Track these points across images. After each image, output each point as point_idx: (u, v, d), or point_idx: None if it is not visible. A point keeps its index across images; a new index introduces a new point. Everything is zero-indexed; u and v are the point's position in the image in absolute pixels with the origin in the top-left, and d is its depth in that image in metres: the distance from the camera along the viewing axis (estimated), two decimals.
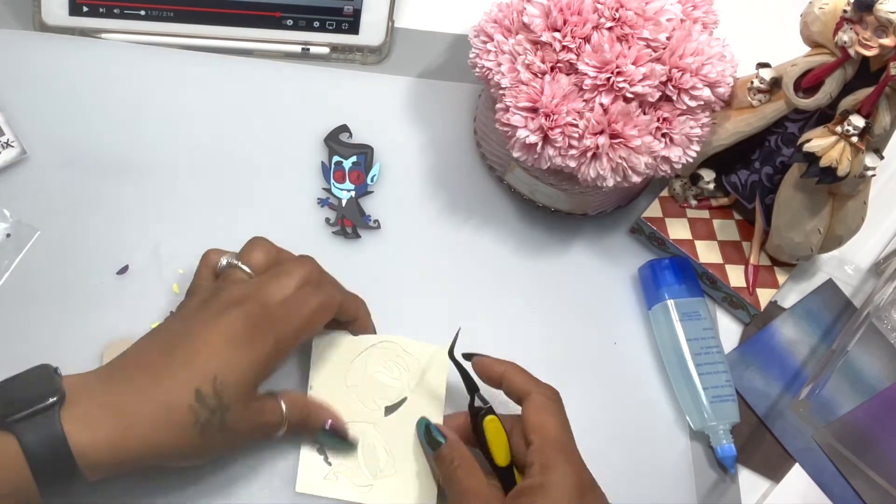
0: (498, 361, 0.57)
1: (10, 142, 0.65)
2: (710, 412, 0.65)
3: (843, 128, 0.59)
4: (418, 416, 0.59)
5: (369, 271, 0.66)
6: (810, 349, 0.72)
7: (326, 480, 0.58)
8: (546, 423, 0.54)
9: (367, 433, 0.59)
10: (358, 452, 0.58)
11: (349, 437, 0.58)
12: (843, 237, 0.69)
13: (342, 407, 0.58)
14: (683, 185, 0.72)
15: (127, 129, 0.68)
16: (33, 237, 0.63)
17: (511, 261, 0.70)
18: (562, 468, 0.52)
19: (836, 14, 0.58)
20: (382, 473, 0.58)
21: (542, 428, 0.53)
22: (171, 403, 0.49)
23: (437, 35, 0.78)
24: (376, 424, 0.59)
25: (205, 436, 0.50)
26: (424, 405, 0.59)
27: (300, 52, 0.74)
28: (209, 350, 0.50)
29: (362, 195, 0.70)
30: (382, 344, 0.60)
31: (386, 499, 0.58)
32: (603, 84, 0.60)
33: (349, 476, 0.58)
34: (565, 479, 0.51)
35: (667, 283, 0.68)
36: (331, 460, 0.58)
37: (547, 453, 0.52)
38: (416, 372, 0.60)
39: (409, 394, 0.60)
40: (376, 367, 0.60)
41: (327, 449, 0.58)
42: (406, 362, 0.60)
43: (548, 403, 0.55)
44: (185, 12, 0.71)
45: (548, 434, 0.53)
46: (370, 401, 0.59)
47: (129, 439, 0.48)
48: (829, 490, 0.66)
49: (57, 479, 0.46)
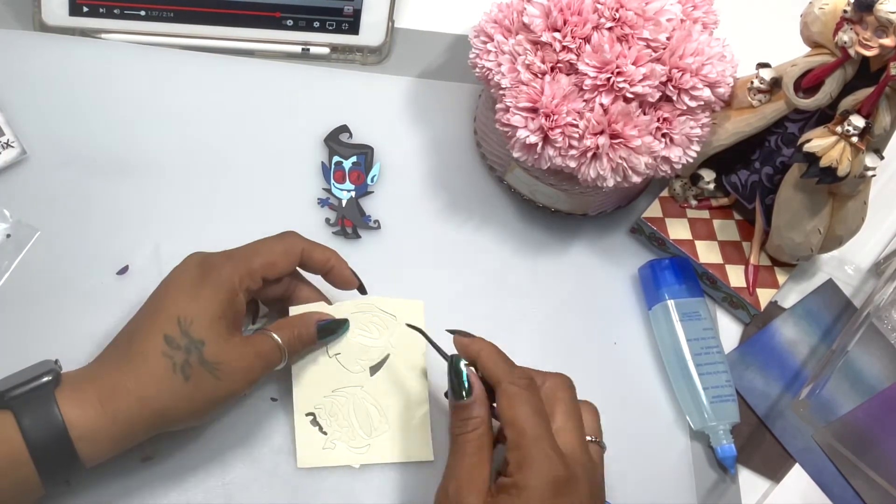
0: (475, 341, 0.55)
1: (10, 142, 0.65)
2: (710, 412, 0.65)
3: (844, 128, 0.59)
4: (402, 369, 0.61)
5: (369, 272, 0.66)
6: (810, 349, 0.72)
7: (325, 450, 0.59)
8: (518, 415, 0.51)
9: (356, 396, 0.60)
10: (351, 415, 0.60)
11: (342, 321, 0.60)
12: (843, 237, 0.69)
13: (328, 376, 0.60)
14: (683, 186, 0.72)
15: (127, 129, 0.68)
16: (33, 237, 0.63)
17: (511, 261, 0.70)
18: (537, 465, 0.50)
19: (836, 14, 0.58)
20: (377, 431, 0.60)
21: (515, 422, 0.51)
22: (147, 355, 0.51)
23: (437, 35, 0.78)
24: (363, 386, 0.60)
25: (192, 380, 0.51)
26: (407, 358, 0.61)
27: (300, 53, 0.74)
28: (170, 297, 0.53)
29: (362, 195, 0.70)
30: (359, 308, 0.61)
31: (384, 455, 0.59)
32: (603, 84, 0.60)
33: (346, 440, 0.59)
34: (540, 476, 0.50)
35: (667, 283, 0.68)
36: (326, 429, 0.59)
37: (521, 450, 0.50)
38: (394, 328, 0.61)
39: (390, 350, 0.61)
40: (355, 331, 0.61)
41: (331, 342, 0.60)
42: (383, 320, 0.61)
43: (519, 392, 0.52)
44: (185, 12, 0.71)
45: (521, 427, 0.51)
46: (354, 364, 0.61)
47: (118, 401, 0.50)
48: (829, 490, 0.66)
49: (53, 456, 0.48)
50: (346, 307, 0.61)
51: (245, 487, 0.58)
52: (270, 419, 0.60)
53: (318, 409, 0.60)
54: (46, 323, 0.60)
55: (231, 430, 0.60)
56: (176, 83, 0.71)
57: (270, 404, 0.61)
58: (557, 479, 0.50)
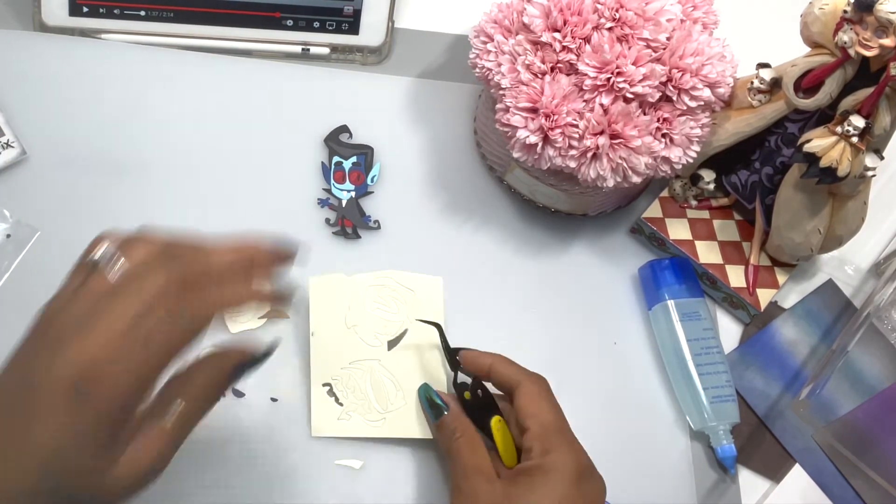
0: (484, 354, 0.58)
1: (10, 142, 0.65)
2: (710, 412, 0.65)
3: (844, 128, 0.59)
4: (420, 345, 0.61)
5: (369, 272, 0.66)
6: (810, 349, 0.72)
7: (340, 421, 0.59)
8: (541, 409, 0.54)
9: (373, 369, 0.61)
10: (367, 388, 0.60)
11: (261, 350, 0.46)
12: (843, 237, 0.69)
13: (345, 347, 0.61)
14: (683, 186, 0.72)
15: (127, 130, 0.68)
16: (33, 237, 0.63)
17: (511, 261, 0.70)
18: (562, 451, 0.53)
19: (836, 14, 0.58)
20: (392, 406, 0.60)
21: (539, 414, 0.54)
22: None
23: (437, 35, 0.78)
24: (381, 360, 0.61)
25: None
26: (425, 334, 0.61)
27: (300, 53, 0.74)
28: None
29: (362, 195, 0.70)
30: (378, 281, 0.62)
31: (398, 429, 0.60)
32: (603, 84, 0.60)
33: (361, 413, 0.60)
34: (565, 461, 0.52)
35: (667, 283, 0.68)
36: (342, 400, 0.60)
37: (547, 437, 0.53)
38: (413, 303, 0.62)
39: (409, 325, 0.62)
40: (374, 305, 0.62)
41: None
42: (402, 295, 0.62)
43: (540, 391, 0.56)
44: (184, 12, 0.71)
45: (545, 420, 0.54)
46: (372, 337, 0.61)
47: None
48: (829, 490, 0.66)
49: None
50: (364, 279, 0.62)
51: (245, 487, 0.58)
52: (271, 419, 0.60)
53: (335, 379, 0.60)
54: None
55: (231, 430, 0.60)
56: (176, 83, 0.71)
57: (270, 404, 0.61)
58: (582, 465, 0.53)
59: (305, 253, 0.66)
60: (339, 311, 0.62)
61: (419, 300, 0.63)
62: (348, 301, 0.62)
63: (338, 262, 0.66)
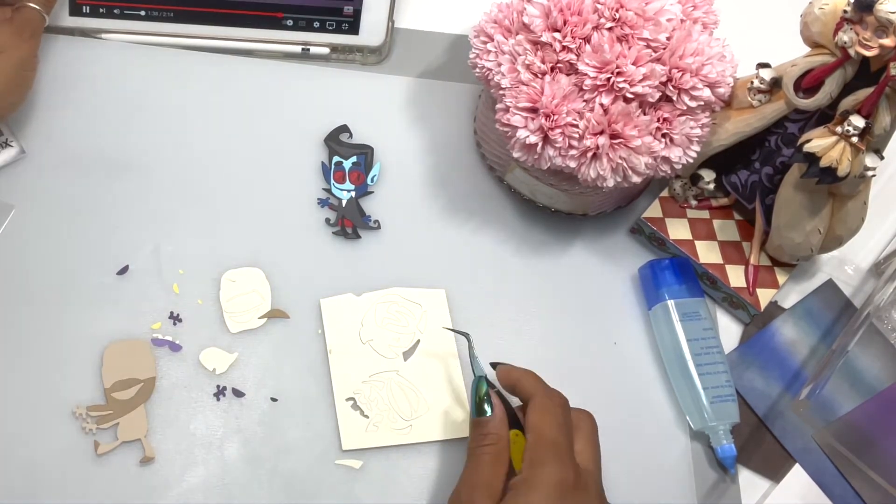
0: (516, 369, 0.58)
1: (9, 141, 0.65)
2: (710, 412, 0.65)
3: (844, 128, 0.59)
4: (434, 352, 0.64)
5: (369, 272, 0.66)
6: (810, 349, 0.72)
7: (368, 432, 0.61)
8: (543, 422, 0.54)
9: (392, 380, 0.63)
10: (390, 398, 0.62)
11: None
12: (843, 237, 0.69)
13: (363, 362, 0.63)
14: (683, 186, 0.72)
15: (126, 129, 0.68)
16: (9, 214, 0.62)
17: (511, 261, 0.70)
18: (548, 465, 0.52)
19: (836, 14, 0.58)
20: (416, 412, 0.62)
21: (539, 427, 0.54)
22: None
23: (437, 35, 0.78)
24: (399, 371, 0.63)
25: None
26: (437, 342, 0.65)
27: (300, 53, 0.74)
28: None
29: (362, 195, 0.70)
30: (385, 298, 0.65)
31: (426, 434, 0.62)
32: (603, 84, 0.60)
33: (388, 422, 0.61)
34: (550, 475, 0.51)
35: (667, 283, 0.68)
36: (367, 412, 0.61)
37: (537, 450, 0.53)
38: (421, 315, 0.65)
39: (420, 336, 0.65)
40: (385, 320, 0.64)
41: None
42: (410, 309, 0.65)
43: (550, 406, 0.55)
44: (185, 12, 0.71)
45: (542, 433, 0.53)
46: (387, 350, 0.64)
47: None
48: (829, 490, 0.66)
49: None
50: (372, 297, 0.65)
51: (245, 487, 0.58)
52: (271, 419, 0.60)
53: (357, 393, 0.62)
54: (46, 323, 0.60)
55: (230, 430, 0.60)
56: (176, 83, 0.71)
57: (270, 404, 0.61)
58: (565, 482, 0.51)
59: (306, 254, 0.67)
60: (352, 328, 0.64)
61: (426, 311, 0.65)
62: (360, 318, 0.64)
63: (338, 262, 0.66)
